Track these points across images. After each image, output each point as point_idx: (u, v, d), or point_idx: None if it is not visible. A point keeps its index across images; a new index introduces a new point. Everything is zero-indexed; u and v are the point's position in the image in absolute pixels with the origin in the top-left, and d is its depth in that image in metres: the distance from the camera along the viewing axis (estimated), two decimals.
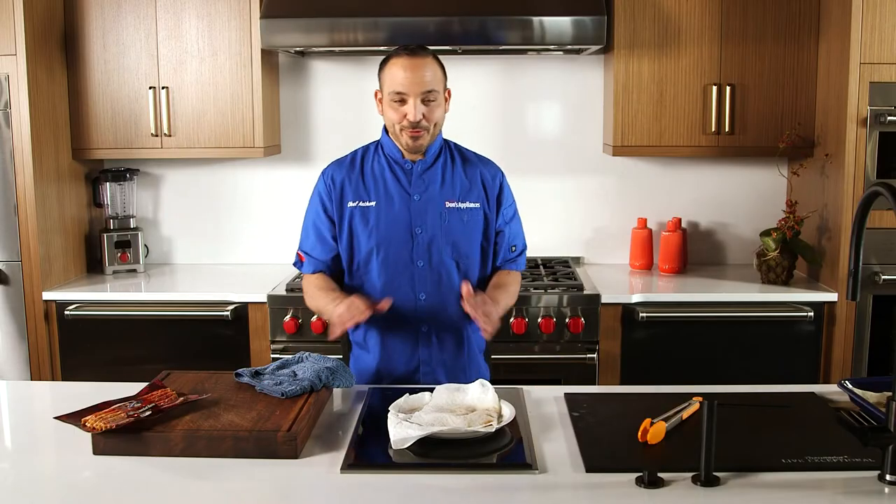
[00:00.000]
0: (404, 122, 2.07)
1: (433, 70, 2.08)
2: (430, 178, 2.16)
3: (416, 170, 2.15)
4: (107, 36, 3.30)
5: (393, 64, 2.08)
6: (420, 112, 2.06)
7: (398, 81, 2.05)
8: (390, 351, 2.18)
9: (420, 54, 2.08)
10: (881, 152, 2.97)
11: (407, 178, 2.16)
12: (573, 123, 3.62)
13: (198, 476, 1.53)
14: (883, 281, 3.02)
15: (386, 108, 2.11)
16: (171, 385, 1.86)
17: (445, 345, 2.19)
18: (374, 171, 2.18)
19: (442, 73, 2.13)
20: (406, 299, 2.14)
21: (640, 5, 3.22)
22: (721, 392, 1.95)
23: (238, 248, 3.74)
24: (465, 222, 2.15)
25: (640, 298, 3.07)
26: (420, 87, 2.05)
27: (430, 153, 2.17)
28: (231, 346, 3.14)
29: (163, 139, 3.35)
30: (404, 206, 2.14)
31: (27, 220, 3.13)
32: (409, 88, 2.05)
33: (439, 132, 2.17)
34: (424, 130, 2.09)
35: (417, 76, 2.04)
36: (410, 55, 2.07)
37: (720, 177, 3.62)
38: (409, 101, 2.06)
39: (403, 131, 2.09)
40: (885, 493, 1.44)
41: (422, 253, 2.13)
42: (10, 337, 3.19)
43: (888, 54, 2.92)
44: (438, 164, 2.18)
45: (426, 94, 2.06)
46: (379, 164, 2.18)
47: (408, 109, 2.06)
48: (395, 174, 2.16)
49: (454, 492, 1.46)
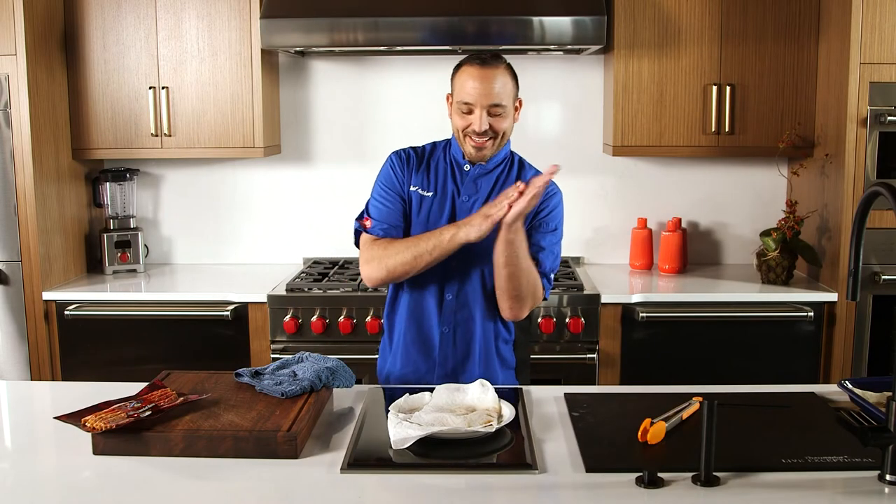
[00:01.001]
0: (468, 131, 2.07)
1: (503, 82, 2.05)
2: (483, 183, 2.16)
3: (472, 173, 2.15)
4: (107, 36, 3.31)
5: (463, 72, 2.07)
6: (485, 124, 2.04)
7: (466, 91, 2.04)
8: (409, 350, 2.17)
9: (491, 64, 2.05)
10: (881, 152, 2.97)
11: (462, 179, 2.16)
12: (573, 123, 3.62)
13: (198, 476, 1.53)
14: (883, 281, 3.02)
15: (454, 113, 2.11)
16: (171, 385, 1.86)
17: (463, 348, 2.15)
18: (438, 166, 2.18)
19: (513, 84, 2.09)
20: (434, 295, 2.13)
21: (640, 5, 3.22)
22: (721, 392, 1.94)
23: (238, 248, 3.74)
24: None
25: (640, 298, 3.07)
26: (487, 99, 2.03)
27: (493, 161, 2.16)
28: (231, 346, 3.14)
29: (163, 139, 3.35)
30: (452, 204, 2.14)
31: (27, 220, 3.13)
32: (477, 100, 2.03)
33: (507, 143, 2.16)
34: (489, 140, 2.07)
35: (486, 88, 2.02)
36: (481, 65, 2.04)
37: (720, 177, 3.62)
38: (476, 112, 2.04)
39: (467, 139, 2.09)
40: (885, 493, 1.44)
41: (456, 252, 2.08)
42: (10, 337, 3.19)
43: (888, 54, 2.92)
44: (495, 173, 2.17)
45: (493, 108, 2.04)
46: (444, 161, 2.19)
47: (473, 119, 2.05)
48: (453, 172, 2.17)
49: (454, 492, 1.46)
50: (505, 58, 2.11)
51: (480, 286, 2.14)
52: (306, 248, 3.72)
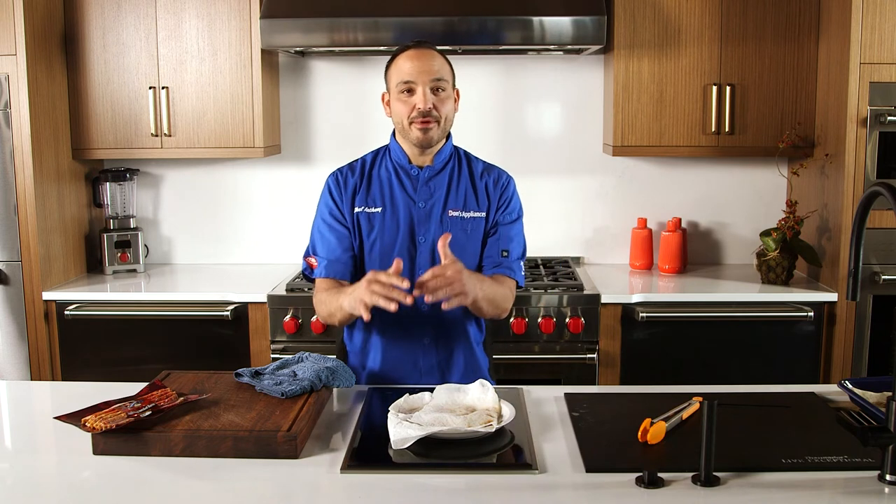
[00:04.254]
0: (413, 113, 2.02)
1: (441, 62, 2.06)
2: (436, 185, 2.12)
3: (423, 176, 2.12)
4: (107, 36, 3.31)
5: (399, 58, 2.06)
6: (430, 101, 2.02)
7: (405, 71, 2.03)
8: (391, 360, 2.14)
9: (426, 46, 2.07)
10: (881, 152, 2.97)
11: (412, 185, 2.12)
12: (573, 123, 3.62)
13: (198, 476, 1.53)
14: (883, 281, 3.02)
15: (394, 103, 2.07)
16: (171, 385, 1.86)
17: (447, 354, 2.14)
18: (381, 177, 2.13)
19: (449, 67, 2.09)
20: (408, 307, 2.09)
21: (640, 5, 3.22)
22: (721, 392, 1.94)
23: (238, 248, 3.74)
24: (468, 232, 2.11)
25: (639, 298, 3.07)
26: (428, 74, 2.02)
27: (439, 160, 2.12)
28: (231, 346, 3.14)
29: (163, 139, 3.35)
30: (408, 212, 2.10)
31: (27, 220, 3.13)
32: (417, 77, 2.02)
33: (449, 132, 2.13)
34: (435, 122, 2.03)
35: (425, 64, 2.02)
36: (416, 47, 2.06)
37: (720, 177, 3.62)
38: (418, 89, 2.02)
39: (413, 124, 2.03)
40: (885, 493, 1.44)
41: (424, 261, 2.08)
42: (10, 337, 3.19)
43: (888, 54, 2.92)
44: (446, 172, 2.13)
45: (435, 83, 2.02)
46: (386, 170, 2.14)
47: (416, 99, 2.02)
48: (401, 180, 2.12)
49: (454, 492, 1.46)
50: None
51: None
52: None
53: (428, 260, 2.08)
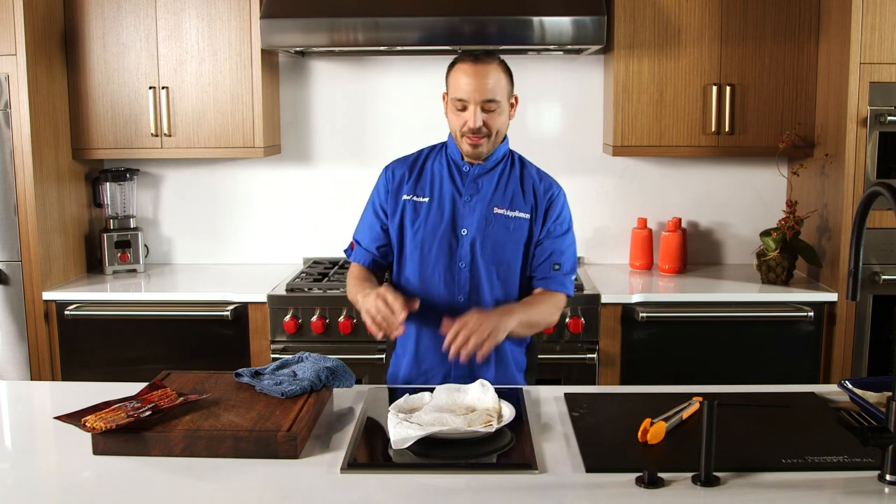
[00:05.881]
0: (464, 129, 2.07)
1: (496, 78, 2.06)
2: (484, 182, 2.15)
3: (472, 172, 2.15)
4: (107, 36, 3.31)
5: (457, 69, 2.07)
6: (479, 120, 2.04)
7: (460, 88, 2.05)
8: (423, 353, 2.16)
9: (484, 61, 2.06)
10: (881, 152, 2.97)
11: (462, 179, 2.16)
12: (573, 123, 3.62)
13: (198, 476, 1.53)
14: (883, 281, 3.02)
15: (449, 112, 2.11)
16: (171, 385, 1.86)
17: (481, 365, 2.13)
18: (433, 170, 2.18)
19: (507, 80, 2.10)
20: (444, 300, 2.12)
21: (640, 5, 3.22)
22: (721, 392, 1.94)
23: (238, 248, 3.74)
24: (511, 230, 2.13)
25: (639, 298, 3.08)
26: (481, 95, 2.03)
27: (492, 159, 2.15)
28: (231, 346, 3.14)
29: (163, 139, 3.35)
30: (453, 204, 2.14)
31: (27, 220, 3.13)
32: (470, 96, 2.03)
33: (503, 140, 2.16)
34: (485, 138, 2.07)
35: (479, 84, 2.03)
36: (474, 62, 2.05)
37: (720, 177, 3.62)
38: (470, 108, 2.05)
39: (464, 137, 2.08)
40: (885, 493, 1.44)
41: (464, 254, 2.11)
42: (10, 337, 3.19)
43: (888, 54, 2.92)
44: (496, 171, 2.17)
45: (487, 104, 2.04)
46: (439, 164, 2.19)
47: (467, 116, 2.05)
48: (451, 175, 2.17)
49: (454, 492, 1.46)
50: (499, 55, 2.12)
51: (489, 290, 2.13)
52: (306, 248, 3.72)
53: (468, 252, 2.11)
